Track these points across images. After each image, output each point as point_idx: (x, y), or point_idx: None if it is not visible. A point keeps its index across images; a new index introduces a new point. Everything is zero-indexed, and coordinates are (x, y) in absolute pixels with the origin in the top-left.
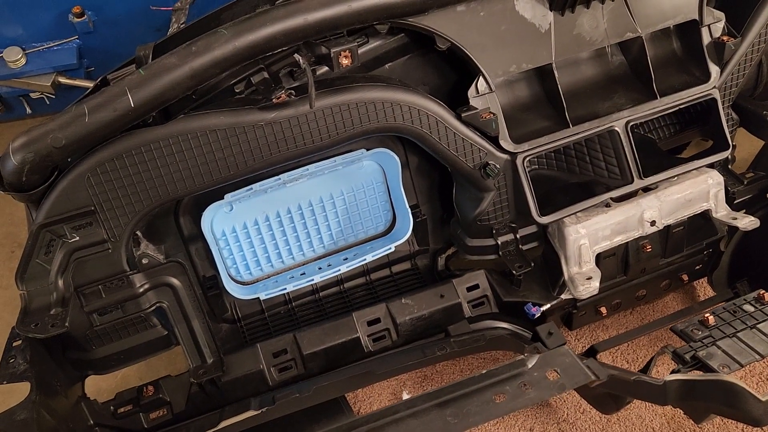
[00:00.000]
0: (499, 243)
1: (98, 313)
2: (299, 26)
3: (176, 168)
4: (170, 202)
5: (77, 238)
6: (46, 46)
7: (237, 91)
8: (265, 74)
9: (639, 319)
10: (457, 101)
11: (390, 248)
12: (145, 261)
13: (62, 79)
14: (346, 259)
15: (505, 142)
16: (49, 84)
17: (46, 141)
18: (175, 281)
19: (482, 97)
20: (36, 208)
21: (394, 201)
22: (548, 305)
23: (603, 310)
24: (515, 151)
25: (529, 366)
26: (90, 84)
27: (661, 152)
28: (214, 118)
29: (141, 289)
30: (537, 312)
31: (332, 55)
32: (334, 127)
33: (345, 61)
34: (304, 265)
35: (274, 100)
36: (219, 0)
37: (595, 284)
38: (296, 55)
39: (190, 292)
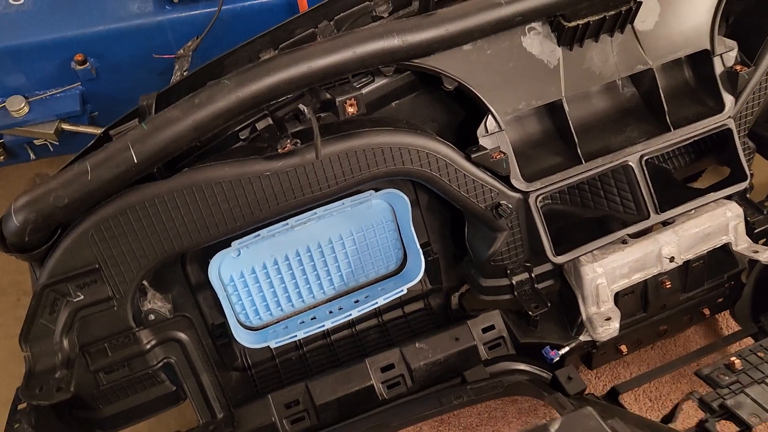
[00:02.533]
0: (514, 283)
1: (104, 371)
2: (303, 74)
3: (182, 222)
4: (176, 256)
5: (82, 296)
6: (49, 94)
7: (242, 137)
8: (270, 120)
9: (660, 353)
10: (466, 138)
11: (402, 290)
12: (151, 317)
13: (65, 126)
14: (358, 301)
15: (517, 181)
16: (53, 131)
17: (48, 200)
18: (182, 336)
19: (492, 136)
20: (39, 267)
21: (405, 240)
22: (567, 348)
23: (623, 348)
24: (527, 189)
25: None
26: (93, 130)
27: (676, 183)
28: (220, 170)
29: (148, 346)
30: (556, 356)
31: (337, 103)
32: (342, 174)
33: (351, 110)
34: (314, 308)
35: (279, 150)
36: (221, 44)
37: (615, 325)
38: (300, 105)
39: (198, 346)
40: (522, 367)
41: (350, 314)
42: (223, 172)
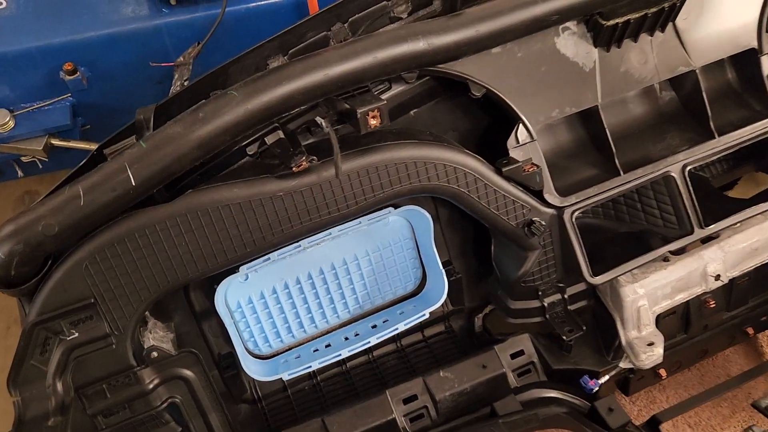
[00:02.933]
0: (546, 305)
1: (103, 414)
2: (319, 83)
3: (186, 249)
4: (181, 287)
5: (76, 334)
6: (36, 107)
7: (249, 153)
8: (281, 134)
9: (698, 374)
10: (490, 147)
11: (424, 315)
12: (154, 354)
13: (55, 141)
14: (375, 327)
15: (551, 196)
16: (41, 148)
17: (37, 229)
18: (188, 373)
19: (523, 147)
20: (28, 302)
21: (426, 261)
22: (606, 377)
23: (662, 372)
24: (562, 205)
25: None
26: (85, 145)
27: (718, 194)
28: (227, 192)
29: (151, 386)
30: (595, 386)
31: (359, 116)
32: (362, 192)
33: (373, 122)
34: (328, 333)
35: (294, 168)
36: (224, 49)
37: (659, 351)
38: (317, 118)
39: (205, 383)
40: (555, 394)
41: (368, 342)
42: (231, 193)
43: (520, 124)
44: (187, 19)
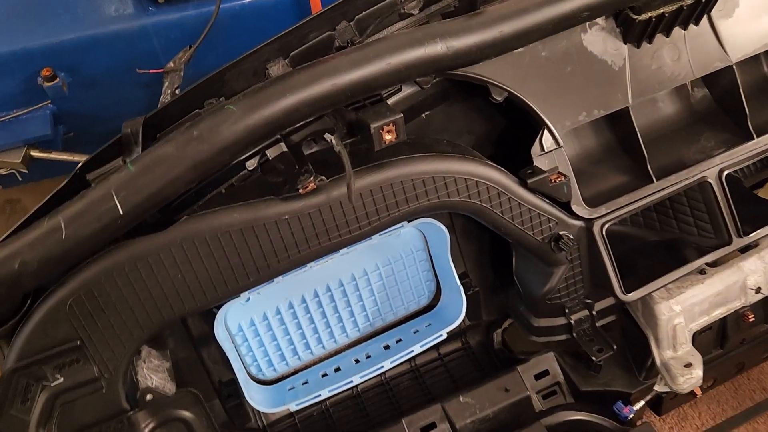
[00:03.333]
0: (572, 322)
1: None
2: (327, 93)
3: (182, 282)
4: (177, 321)
5: (62, 379)
6: (13, 115)
7: (249, 168)
8: (284, 147)
9: (731, 388)
10: (508, 150)
11: (441, 335)
12: (149, 397)
13: (35, 153)
14: (388, 347)
15: (579, 207)
16: (20, 160)
17: (13, 266)
18: (187, 414)
19: (548, 154)
20: (7, 345)
21: (441, 275)
22: (642, 402)
23: (697, 389)
24: (591, 216)
25: None
26: (68, 157)
27: (754, 198)
28: (226, 217)
29: (146, 430)
30: (630, 413)
31: (372, 131)
32: (376, 212)
33: (388, 137)
34: (337, 354)
35: (300, 190)
36: (218, 50)
37: (698, 373)
38: (326, 135)
39: (207, 422)
40: (584, 417)
41: (381, 367)
42: (231, 218)
43: (545, 130)
44: (177, 18)
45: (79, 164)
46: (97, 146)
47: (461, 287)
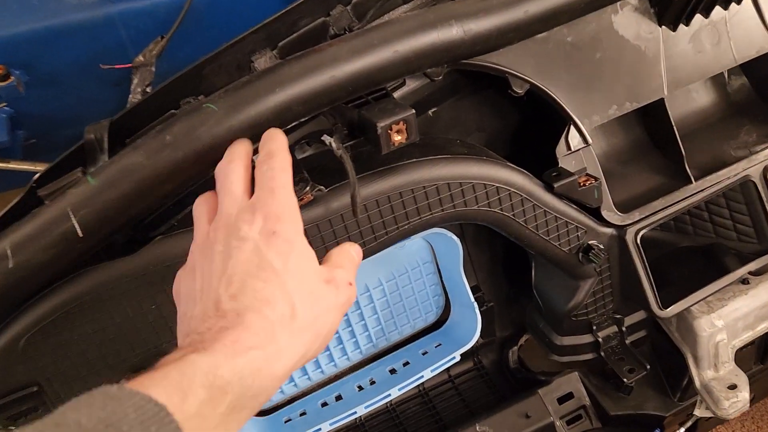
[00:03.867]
0: (600, 340)
1: None
2: (324, 87)
3: (156, 313)
4: (153, 357)
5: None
6: None
7: None
8: None
9: (764, 402)
10: (524, 148)
11: (455, 358)
12: None
13: None
14: (394, 372)
15: (610, 213)
16: None
17: None
18: None
19: (575, 154)
20: None
21: (453, 291)
22: (682, 429)
23: None
24: (623, 223)
25: None
26: (29, 166)
27: None
28: None
29: None
30: None
31: (379, 131)
32: (383, 226)
33: (398, 138)
34: (338, 380)
35: None
36: (195, 41)
37: (745, 396)
38: (325, 137)
39: None
40: None
41: (388, 395)
42: None
43: (572, 126)
44: (147, 5)
45: (34, 177)
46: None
47: (475, 304)
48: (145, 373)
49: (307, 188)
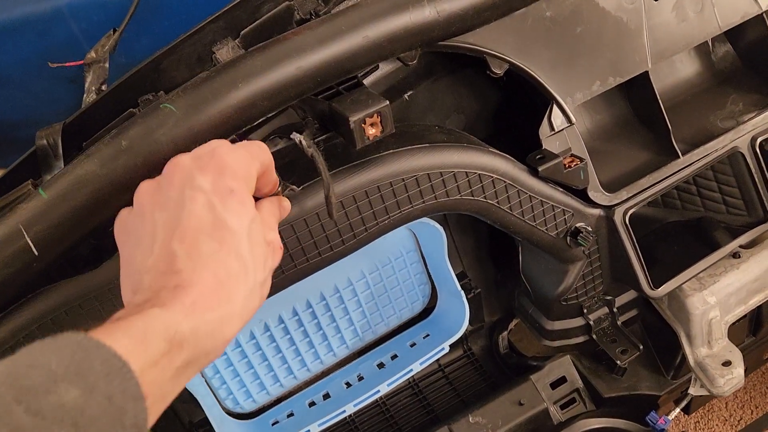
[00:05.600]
0: (591, 322)
1: None
2: (290, 80)
3: None
4: None
5: None
6: None
7: None
8: None
9: (759, 372)
10: (506, 128)
11: (444, 349)
12: None
13: None
14: (382, 366)
15: (597, 193)
16: None
17: None
18: None
19: (559, 134)
20: None
21: (438, 279)
22: (677, 410)
23: None
24: (611, 204)
25: None
26: None
27: None
28: None
29: None
30: (666, 424)
31: (352, 125)
32: (362, 222)
33: (372, 131)
34: (324, 377)
35: None
36: (153, 33)
37: (739, 371)
38: (294, 135)
39: None
40: (608, 424)
41: (377, 391)
42: None
43: (554, 105)
44: None
45: None
46: (19, 156)
47: (462, 293)
48: (110, 323)
49: (278, 188)
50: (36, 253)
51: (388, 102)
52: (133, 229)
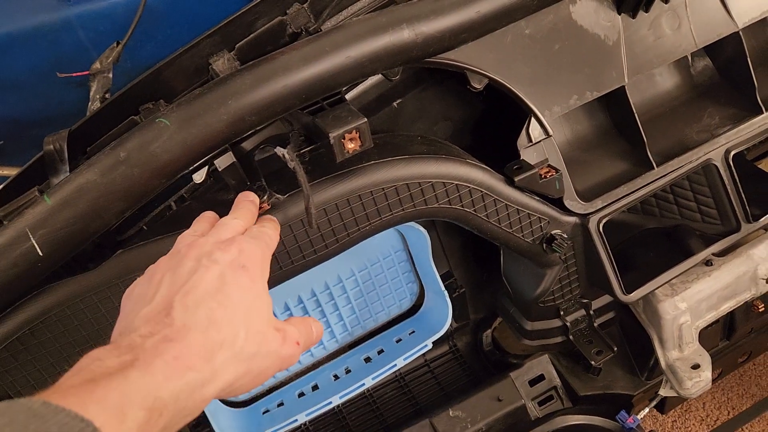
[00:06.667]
0: (568, 324)
1: None
2: (276, 97)
3: None
4: None
5: None
6: None
7: (197, 181)
8: (232, 157)
9: (737, 374)
10: (491, 136)
11: (426, 346)
12: None
13: None
14: (369, 360)
15: (572, 202)
16: None
17: None
18: None
19: (537, 145)
20: None
21: (425, 279)
22: (647, 410)
23: None
24: (586, 212)
25: None
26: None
27: (760, 173)
28: (167, 246)
29: None
30: (634, 423)
31: (332, 141)
32: (343, 228)
33: (351, 146)
34: (313, 369)
35: None
36: (157, 40)
37: (707, 375)
38: (278, 149)
39: None
40: (583, 420)
41: (362, 384)
42: None
43: (532, 118)
44: (104, 7)
45: None
46: (32, 155)
47: (446, 292)
48: (81, 385)
49: (265, 196)
50: (41, 254)
51: (366, 120)
52: (140, 289)
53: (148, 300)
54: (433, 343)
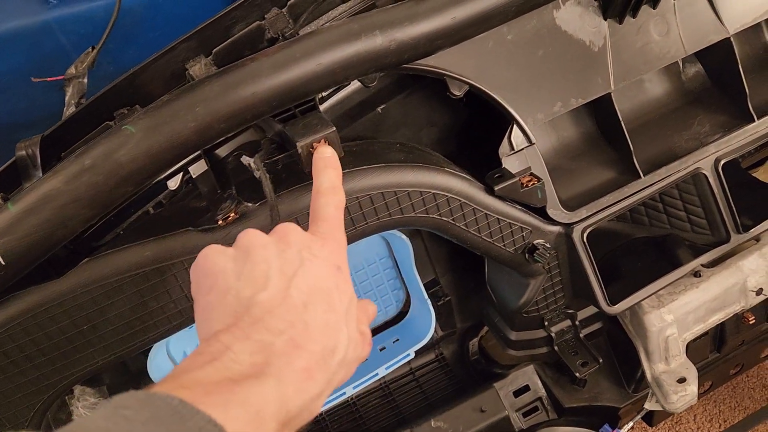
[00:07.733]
0: (553, 335)
1: None
2: (245, 104)
3: (90, 334)
4: (89, 376)
5: None
6: None
7: (172, 188)
8: (205, 165)
9: (729, 386)
10: (477, 141)
11: (409, 355)
12: None
13: None
14: None
15: (556, 211)
16: None
17: None
18: None
19: (519, 154)
20: None
21: (410, 287)
22: (631, 424)
23: None
24: (570, 221)
25: None
26: None
27: (753, 182)
28: (134, 256)
29: None
30: None
31: (299, 150)
32: None
33: None
34: None
35: (219, 221)
36: (138, 43)
37: (693, 389)
38: (244, 158)
39: None
40: (567, 431)
41: (343, 393)
42: (141, 257)
43: (514, 125)
44: (84, 10)
45: None
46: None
47: (429, 301)
48: (222, 384)
49: (233, 205)
50: (3, 262)
51: (334, 128)
52: (239, 269)
53: (261, 284)
54: (419, 351)
